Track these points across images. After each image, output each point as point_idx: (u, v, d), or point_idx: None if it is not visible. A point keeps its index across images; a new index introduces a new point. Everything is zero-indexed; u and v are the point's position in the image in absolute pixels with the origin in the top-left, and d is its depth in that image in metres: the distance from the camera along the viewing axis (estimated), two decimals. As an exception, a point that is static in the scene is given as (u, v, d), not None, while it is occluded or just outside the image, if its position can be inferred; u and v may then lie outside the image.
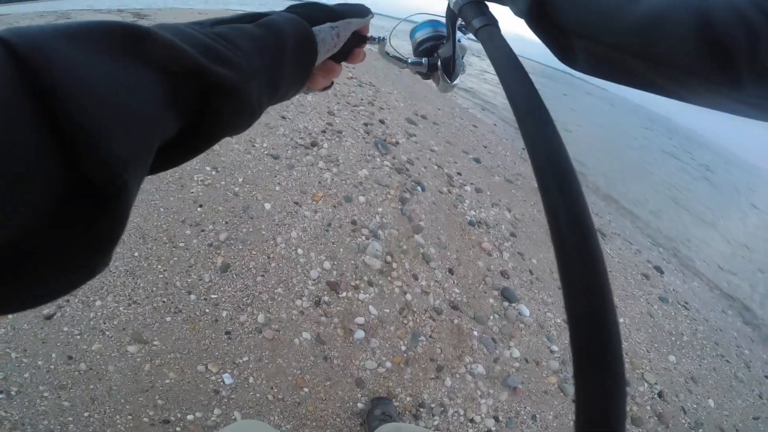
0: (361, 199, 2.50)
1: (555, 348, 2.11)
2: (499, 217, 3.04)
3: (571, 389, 1.92)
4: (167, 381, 1.40)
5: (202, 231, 1.96)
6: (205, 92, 0.23)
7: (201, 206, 2.07)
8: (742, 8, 0.27)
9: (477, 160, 3.89)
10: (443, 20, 0.51)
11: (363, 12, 0.40)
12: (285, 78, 0.32)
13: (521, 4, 0.39)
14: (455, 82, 0.52)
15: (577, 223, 0.20)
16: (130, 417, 1.30)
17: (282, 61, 0.30)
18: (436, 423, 1.58)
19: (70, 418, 1.27)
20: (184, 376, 1.43)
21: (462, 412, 1.65)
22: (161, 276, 1.70)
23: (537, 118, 0.24)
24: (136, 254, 1.74)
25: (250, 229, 2.05)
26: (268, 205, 2.21)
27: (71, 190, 0.15)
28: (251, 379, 1.49)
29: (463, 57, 0.52)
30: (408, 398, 1.62)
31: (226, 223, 2.04)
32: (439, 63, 0.52)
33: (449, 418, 1.62)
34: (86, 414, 1.28)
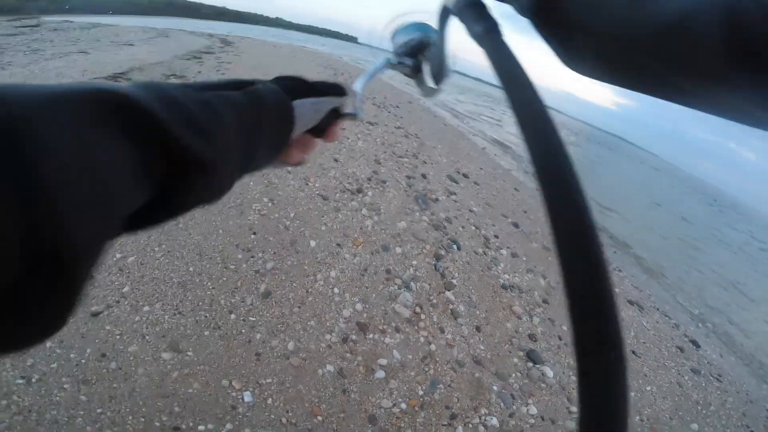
0: (398, 250, 2.74)
1: (574, 409, 2.13)
2: (533, 283, 3.15)
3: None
4: (190, 390, 1.53)
5: (252, 257, 2.26)
6: (182, 166, 0.24)
7: (255, 234, 2.40)
8: None
9: (516, 225, 4.06)
10: (430, 22, 0.51)
11: (341, 91, 0.43)
12: (261, 148, 0.34)
13: (526, 1, 0.38)
14: (441, 86, 0.51)
15: (575, 225, 0.21)
16: (142, 419, 1.39)
17: (261, 132, 0.32)
18: (443, 470, 1.65)
19: (81, 412, 1.35)
20: (208, 388, 1.56)
21: (471, 462, 1.71)
22: (209, 293, 1.95)
23: (542, 129, 0.25)
24: (191, 269, 2.03)
25: (295, 263, 2.33)
26: (313, 243, 2.50)
27: (26, 263, 0.15)
28: (270, 401, 1.62)
29: (450, 61, 0.51)
30: (418, 442, 1.72)
31: (275, 253, 2.33)
32: (426, 65, 0.51)
33: (457, 468, 1.68)
34: (99, 410, 1.37)
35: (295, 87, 0.39)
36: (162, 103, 0.23)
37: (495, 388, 2.07)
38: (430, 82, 0.51)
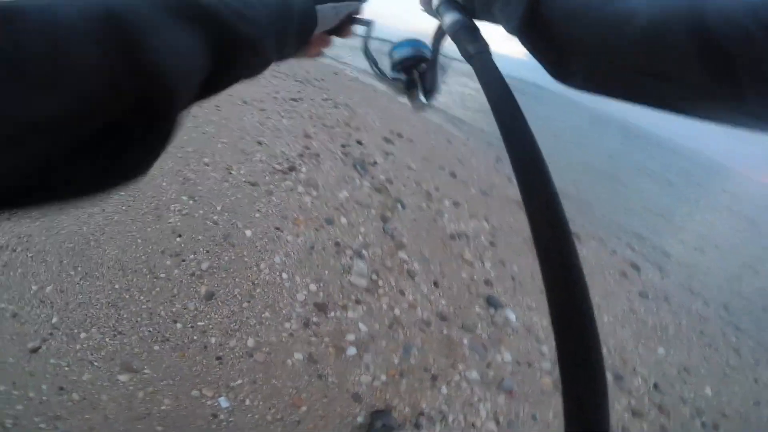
0: (343, 220, 2.64)
1: (545, 349, 2.27)
2: (478, 228, 3.25)
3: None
4: (163, 407, 1.46)
5: (183, 261, 2.04)
6: (234, 45, 0.31)
7: (180, 236, 2.16)
8: (736, 15, 0.27)
9: (453, 175, 4.13)
10: (422, 40, 0.56)
11: None
12: (289, 41, 0.41)
13: (514, 21, 0.40)
14: (431, 102, 0.56)
15: (560, 247, 0.24)
16: (129, 444, 1.35)
17: (289, 27, 0.39)
18: (438, 430, 1.68)
19: (69, 448, 1.30)
20: (180, 402, 1.49)
21: (462, 418, 1.76)
22: (144, 307, 1.76)
23: (525, 148, 0.28)
24: (116, 286, 1.81)
25: (233, 257, 2.15)
26: (249, 232, 2.32)
27: (142, 107, 0.23)
28: (248, 401, 1.56)
29: (443, 78, 0.56)
30: (407, 409, 1.72)
31: (207, 252, 2.13)
32: (418, 82, 0.55)
33: (450, 425, 1.72)
34: (84, 442, 1.32)
35: None
36: (221, 2, 0.30)
37: (465, 341, 2.13)
38: (421, 97, 0.54)
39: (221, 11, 0.29)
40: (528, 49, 0.42)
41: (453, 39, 0.43)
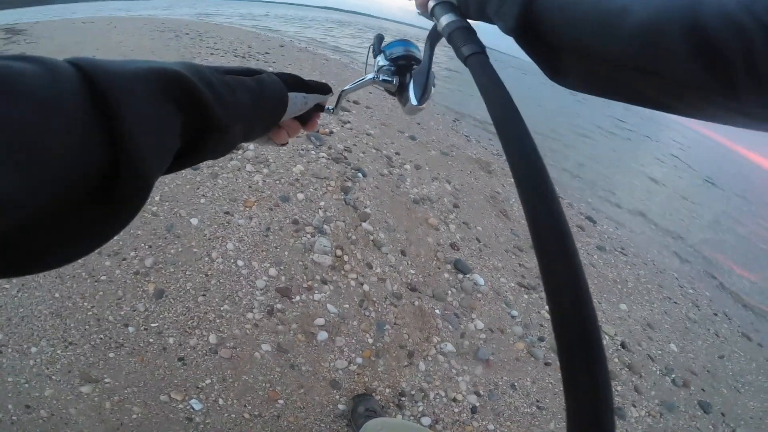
0: (300, 196, 2.54)
1: (515, 312, 2.34)
2: (440, 191, 3.25)
3: (540, 353, 2.15)
4: (134, 416, 1.42)
5: (124, 260, 1.89)
6: (207, 129, 0.32)
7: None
8: (733, 14, 0.27)
9: (413, 138, 4.08)
10: (413, 41, 0.55)
11: (327, 90, 0.53)
12: (259, 124, 0.43)
13: (509, 20, 0.41)
14: (423, 105, 0.54)
15: (558, 241, 0.24)
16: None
17: (262, 111, 0.42)
18: (420, 409, 1.71)
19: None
20: (150, 409, 1.44)
21: (443, 394, 1.80)
22: (90, 313, 1.65)
23: (523, 149, 0.28)
24: (56, 295, 1.68)
25: (180, 249, 2.01)
26: (194, 221, 2.18)
27: (117, 183, 0.24)
28: (221, 401, 1.51)
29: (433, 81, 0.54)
30: (387, 390, 1.73)
31: (150, 246, 1.99)
32: (411, 84, 0.54)
33: (432, 402, 1.75)
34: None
35: (292, 81, 0.47)
36: (200, 81, 0.32)
37: (437, 311, 2.14)
38: (413, 100, 0.53)
39: (204, 95, 0.31)
40: (524, 49, 0.43)
41: (448, 40, 0.44)
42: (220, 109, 0.32)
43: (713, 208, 7.73)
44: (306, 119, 0.55)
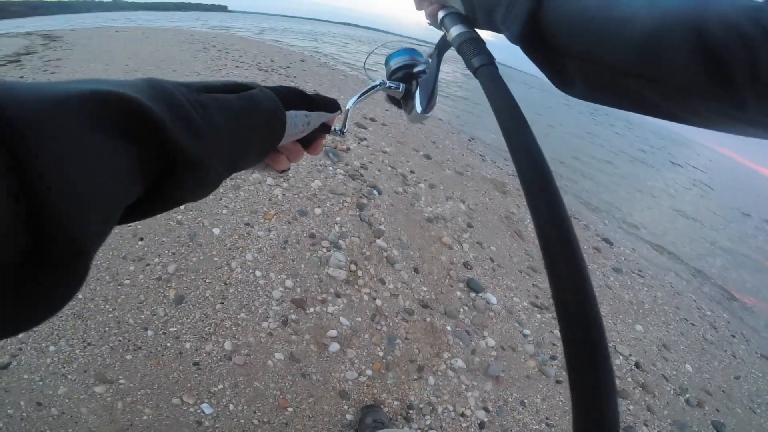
0: (317, 211, 2.63)
1: (527, 332, 2.36)
2: (455, 210, 3.31)
3: (551, 371, 2.16)
4: (145, 417, 1.46)
5: (147, 265, 1.99)
6: (174, 163, 0.26)
7: (142, 239, 2.10)
8: (737, 23, 0.27)
9: (428, 157, 4.17)
10: (418, 50, 0.56)
11: (334, 107, 0.47)
12: (249, 151, 0.36)
13: (515, 29, 0.41)
14: (428, 114, 0.54)
15: (563, 243, 0.25)
16: (115, 459, 1.35)
17: (251, 135, 0.35)
18: (428, 422, 1.73)
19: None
20: (161, 411, 1.49)
21: (452, 408, 1.82)
22: (111, 315, 1.73)
23: (532, 160, 0.29)
24: (80, 296, 1.75)
25: (201, 257, 2.10)
26: (216, 230, 2.27)
27: (34, 256, 0.18)
28: (231, 406, 1.56)
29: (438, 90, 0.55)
30: (396, 402, 1.76)
31: (173, 254, 2.08)
32: (417, 92, 0.54)
33: (440, 416, 1.78)
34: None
35: (292, 97, 0.41)
36: (159, 102, 0.25)
37: (449, 328, 2.18)
38: (418, 108, 0.53)
39: (163, 121, 0.24)
40: (530, 58, 0.44)
41: (458, 51, 0.45)
42: (187, 137, 0.26)
43: (732, 232, 7.59)
44: (309, 141, 0.48)
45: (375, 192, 3.02)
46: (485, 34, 0.48)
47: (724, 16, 0.28)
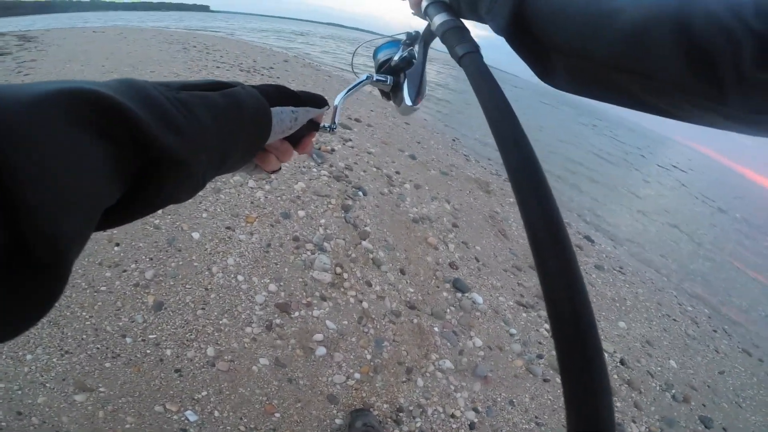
0: (301, 213, 2.60)
1: (513, 331, 2.37)
2: (440, 210, 3.33)
3: (539, 370, 2.17)
4: (127, 426, 1.43)
5: (124, 271, 1.94)
6: (155, 163, 0.25)
7: (118, 245, 2.05)
8: (722, 18, 0.27)
9: (413, 157, 4.18)
10: (411, 41, 0.56)
11: (321, 102, 0.46)
12: (235, 150, 0.35)
13: (500, 20, 0.41)
14: (418, 106, 0.54)
15: (557, 244, 0.24)
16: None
17: (236, 133, 0.34)
18: (418, 425, 1.72)
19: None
20: (144, 419, 1.46)
21: (441, 410, 1.82)
22: (88, 323, 1.68)
23: (518, 148, 0.29)
24: (55, 304, 1.71)
25: (180, 262, 2.06)
26: (196, 235, 2.23)
27: (11, 259, 0.17)
28: (216, 413, 1.53)
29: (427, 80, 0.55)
30: (385, 405, 1.75)
31: (151, 259, 2.03)
32: (405, 84, 0.54)
33: (430, 418, 1.77)
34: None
35: (276, 94, 0.40)
36: (136, 101, 0.25)
37: (436, 329, 2.18)
38: (407, 100, 0.53)
39: (140, 118, 0.24)
40: (514, 48, 0.44)
41: (442, 40, 0.44)
42: (168, 134, 0.26)
43: (710, 227, 7.81)
44: (298, 139, 0.47)
45: (360, 193, 3.01)
46: (470, 24, 0.48)
47: (707, 10, 0.28)
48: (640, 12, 0.31)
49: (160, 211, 2.29)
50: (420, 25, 0.57)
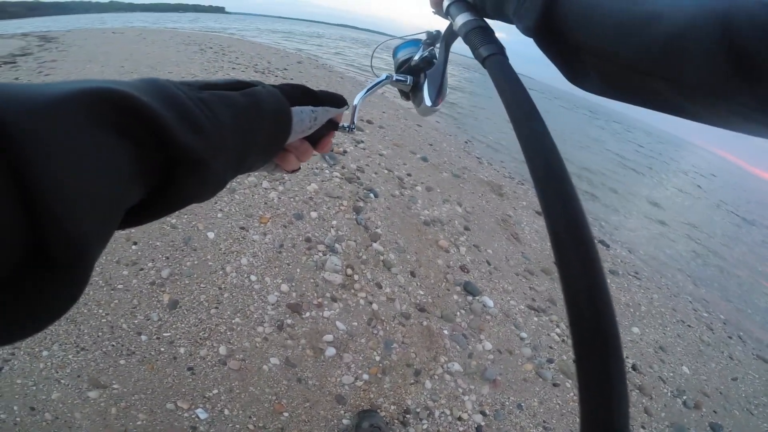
0: (313, 214, 2.63)
1: (524, 335, 2.37)
2: (451, 213, 3.33)
3: (549, 374, 2.17)
4: (139, 423, 1.47)
5: (141, 270, 1.99)
6: (172, 162, 0.25)
7: (135, 244, 2.10)
8: (764, 20, 0.26)
9: (424, 159, 4.19)
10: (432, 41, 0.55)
11: (341, 102, 0.46)
12: (256, 149, 0.35)
13: (529, 20, 0.40)
14: (438, 106, 0.53)
15: (576, 237, 0.24)
16: (109, 463, 1.35)
17: (256, 132, 0.34)
18: (425, 427, 1.74)
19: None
20: (155, 416, 1.49)
21: (448, 412, 1.82)
22: (105, 320, 1.73)
23: (544, 151, 0.28)
24: (73, 301, 1.77)
25: (195, 262, 2.11)
26: (211, 234, 2.28)
27: (34, 259, 0.18)
28: (226, 411, 1.57)
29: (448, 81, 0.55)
30: (392, 407, 1.77)
31: (167, 258, 2.08)
32: (425, 84, 0.53)
33: (437, 420, 1.78)
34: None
35: (296, 93, 0.40)
36: (158, 100, 0.25)
37: (446, 332, 2.19)
38: (427, 101, 0.53)
39: (163, 117, 0.24)
40: (542, 50, 0.42)
41: (465, 40, 0.43)
42: (190, 134, 0.26)
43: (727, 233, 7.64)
44: (317, 139, 0.47)
45: (371, 195, 3.03)
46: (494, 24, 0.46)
47: (751, 13, 0.27)
48: (680, 17, 0.30)
49: (176, 211, 2.35)
50: (442, 25, 0.55)
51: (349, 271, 2.32)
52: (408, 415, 1.75)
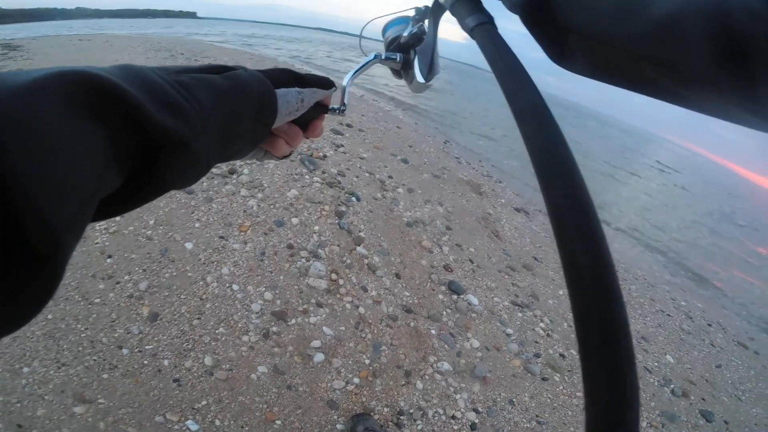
0: (294, 220, 2.62)
1: (510, 331, 2.41)
2: (433, 213, 3.38)
3: (537, 369, 2.22)
4: None
5: (118, 283, 1.95)
6: (152, 146, 0.25)
7: (110, 257, 2.06)
8: (759, 9, 0.26)
9: (405, 161, 4.23)
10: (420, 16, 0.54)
11: (328, 84, 0.45)
12: (241, 134, 0.34)
13: None
14: (431, 82, 0.53)
15: (578, 216, 0.23)
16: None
17: (241, 116, 0.33)
18: (420, 427, 1.75)
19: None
20: (145, 430, 1.47)
21: (442, 412, 1.85)
22: (84, 335, 1.69)
23: (540, 122, 0.27)
24: (49, 317, 1.72)
25: (174, 273, 2.07)
26: (189, 245, 2.24)
27: (9, 247, 0.17)
28: (217, 422, 1.55)
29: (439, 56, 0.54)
30: (386, 409, 1.78)
31: (144, 270, 2.04)
32: (416, 60, 0.53)
33: (431, 420, 1.80)
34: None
35: (281, 76, 0.40)
36: (134, 83, 0.24)
37: (433, 331, 2.22)
38: (418, 77, 0.53)
39: (137, 99, 0.23)
40: (528, 29, 0.41)
41: (452, 12, 0.42)
42: (167, 116, 0.25)
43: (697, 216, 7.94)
44: (306, 122, 0.46)
45: (353, 199, 3.04)
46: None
47: (745, 3, 0.27)
48: (675, 2, 0.29)
49: (151, 222, 2.31)
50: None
51: (334, 276, 2.32)
52: (402, 417, 1.77)
